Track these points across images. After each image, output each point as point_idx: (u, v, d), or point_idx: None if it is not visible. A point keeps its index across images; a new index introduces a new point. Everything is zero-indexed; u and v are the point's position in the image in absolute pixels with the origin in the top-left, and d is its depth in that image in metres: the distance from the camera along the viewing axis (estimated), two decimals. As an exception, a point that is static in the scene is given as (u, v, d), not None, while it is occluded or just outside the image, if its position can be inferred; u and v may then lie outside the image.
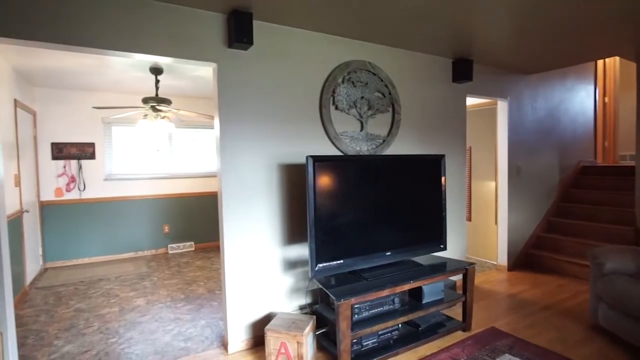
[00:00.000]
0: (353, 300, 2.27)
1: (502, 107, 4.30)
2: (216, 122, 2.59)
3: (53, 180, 4.97)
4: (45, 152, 4.92)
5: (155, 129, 4.21)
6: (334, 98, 2.96)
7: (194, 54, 2.44)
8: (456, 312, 3.17)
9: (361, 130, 3.12)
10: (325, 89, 2.90)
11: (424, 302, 2.74)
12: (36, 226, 4.71)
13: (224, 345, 2.69)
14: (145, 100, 3.91)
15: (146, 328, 3.05)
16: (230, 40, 2.48)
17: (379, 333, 2.56)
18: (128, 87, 4.86)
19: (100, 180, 5.23)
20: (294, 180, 2.82)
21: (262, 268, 2.73)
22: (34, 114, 4.75)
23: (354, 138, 3.07)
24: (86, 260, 5.14)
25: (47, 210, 4.93)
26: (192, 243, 5.79)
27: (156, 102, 3.89)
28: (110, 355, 2.63)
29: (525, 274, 4.25)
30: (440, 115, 3.64)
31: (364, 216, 2.68)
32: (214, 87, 2.59)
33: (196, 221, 5.84)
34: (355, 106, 3.06)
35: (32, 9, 1.98)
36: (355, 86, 3.05)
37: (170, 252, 5.61)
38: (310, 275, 2.41)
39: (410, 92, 3.40)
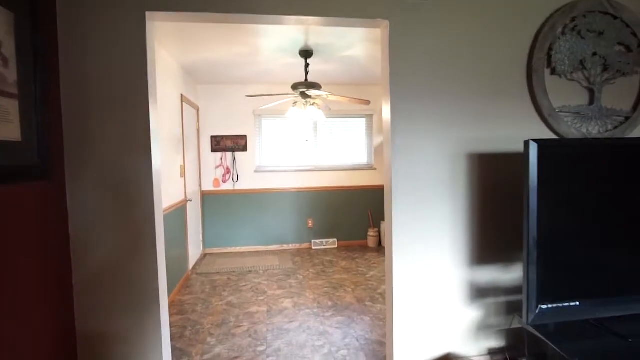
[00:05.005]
0: (613, 375, 1.38)
1: None
2: (385, 98, 1.99)
3: (212, 171, 5.26)
4: (206, 145, 5.23)
5: (305, 117, 3.93)
6: (549, 58, 2.03)
7: (362, 9, 1.88)
8: None
9: (590, 103, 2.10)
10: (537, 46, 2.00)
11: None
12: (198, 214, 5.03)
13: (387, 384, 2.10)
14: (295, 86, 3.63)
15: (294, 339, 2.71)
16: (408, -14, 1.83)
17: None
18: (278, 77, 4.74)
19: (251, 172, 5.34)
20: (487, 175, 2.03)
21: (438, 292, 2.03)
22: (197, 109, 5.07)
23: (579, 115, 2.07)
24: (237, 249, 5.32)
25: (207, 199, 5.24)
26: (335, 240, 5.47)
27: (306, 87, 3.56)
28: (259, 368, 2.34)
29: None
30: None
31: (617, 237, 1.71)
32: (383, 52, 1.99)
33: (340, 217, 5.49)
34: (583, 67, 2.06)
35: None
36: (583, 38, 2.05)
37: (313, 247, 5.40)
38: (527, 321, 1.60)
39: (673, 42, 2.18)
